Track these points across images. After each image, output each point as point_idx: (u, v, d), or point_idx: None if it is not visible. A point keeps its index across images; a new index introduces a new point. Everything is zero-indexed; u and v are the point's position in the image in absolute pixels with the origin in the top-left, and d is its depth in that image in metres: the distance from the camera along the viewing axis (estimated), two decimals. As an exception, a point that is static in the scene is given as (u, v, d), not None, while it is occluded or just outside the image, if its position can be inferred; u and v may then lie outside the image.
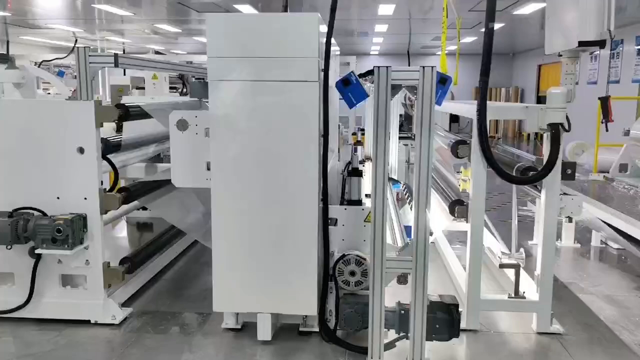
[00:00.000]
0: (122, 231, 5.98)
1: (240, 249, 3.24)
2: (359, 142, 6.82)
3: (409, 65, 12.01)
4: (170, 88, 10.88)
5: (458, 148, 3.49)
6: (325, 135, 3.23)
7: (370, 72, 3.21)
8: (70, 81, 10.51)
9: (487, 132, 3.18)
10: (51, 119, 3.42)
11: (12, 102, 3.95)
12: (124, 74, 9.87)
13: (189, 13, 11.76)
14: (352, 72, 3.00)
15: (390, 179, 5.92)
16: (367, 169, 5.52)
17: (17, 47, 17.99)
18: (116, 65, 3.41)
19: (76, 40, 11.20)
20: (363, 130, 8.02)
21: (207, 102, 4.52)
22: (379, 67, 2.77)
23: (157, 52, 17.81)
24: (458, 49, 8.89)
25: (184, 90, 10.30)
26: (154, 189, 4.12)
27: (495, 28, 3.11)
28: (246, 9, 10.95)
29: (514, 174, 3.55)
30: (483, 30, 3.08)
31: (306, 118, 3.11)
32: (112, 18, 12.42)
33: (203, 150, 3.30)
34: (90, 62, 3.38)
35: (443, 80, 2.83)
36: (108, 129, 4.42)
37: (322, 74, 3.14)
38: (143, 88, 10.52)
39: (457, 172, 4.37)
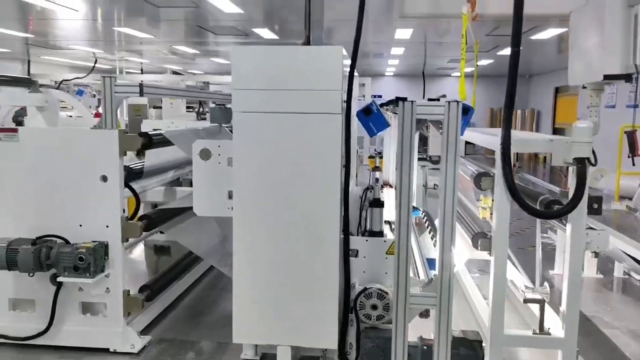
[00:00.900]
0: (139, 254, 5.99)
1: (260, 280, 3.22)
2: (377, 168, 6.74)
3: (424, 88, 12.02)
4: (187, 108, 11.04)
5: (481, 180, 3.46)
6: (347, 165, 3.22)
7: (391, 102, 3.22)
8: (88, 100, 10.64)
9: (512, 166, 3.15)
10: (75, 147, 3.45)
11: (38, 130, 4.00)
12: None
13: (207, 35, 11.93)
14: (373, 101, 2.99)
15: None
16: (386, 195, 5.49)
17: (38, 66, 18.37)
18: (141, 94, 3.45)
19: (96, 60, 11.40)
20: (380, 153, 7.97)
21: (227, 127, 4.56)
22: (403, 100, 2.74)
23: (174, 72, 18.06)
24: (476, 74, 8.87)
25: (201, 110, 10.41)
26: (174, 216, 4.13)
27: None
28: (265, 32, 11.07)
29: (537, 207, 3.51)
30: (499, 53, 3.07)
31: (328, 149, 3.10)
32: (132, 40, 12.63)
33: (225, 180, 3.31)
34: (115, 92, 3.42)
35: (465, 111, 2.81)
36: (129, 154, 4.44)
37: (344, 105, 3.14)
38: (160, 107, 10.66)
39: (477, 199, 4.31)
